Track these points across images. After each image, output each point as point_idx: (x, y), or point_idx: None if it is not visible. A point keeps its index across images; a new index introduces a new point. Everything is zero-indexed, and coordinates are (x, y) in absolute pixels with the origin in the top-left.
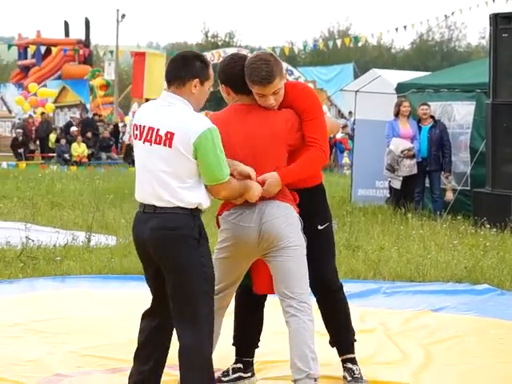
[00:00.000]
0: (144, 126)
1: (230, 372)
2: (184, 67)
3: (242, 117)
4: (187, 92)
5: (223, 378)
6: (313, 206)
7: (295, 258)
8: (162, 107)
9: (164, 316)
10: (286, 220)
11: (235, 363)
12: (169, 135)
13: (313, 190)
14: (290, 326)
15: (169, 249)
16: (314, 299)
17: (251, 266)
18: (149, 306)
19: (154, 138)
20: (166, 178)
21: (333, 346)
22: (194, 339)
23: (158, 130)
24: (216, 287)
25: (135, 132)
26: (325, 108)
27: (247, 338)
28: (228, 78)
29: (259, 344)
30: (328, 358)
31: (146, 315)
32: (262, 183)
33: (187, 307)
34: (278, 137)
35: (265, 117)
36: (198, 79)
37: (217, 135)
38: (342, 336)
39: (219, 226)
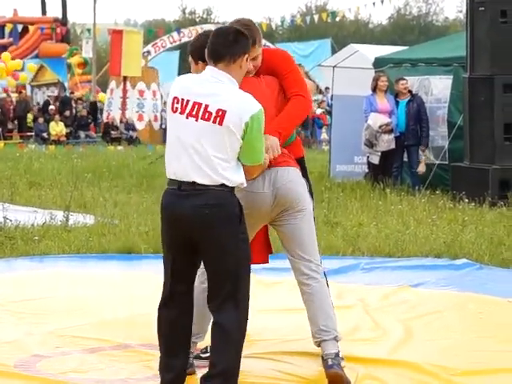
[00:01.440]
0: (188, 101)
1: (209, 348)
2: (235, 43)
3: None
4: (236, 69)
5: (202, 355)
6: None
7: (308, 221)
8: (210, 83)
9: (188, 301)
10: (297, 184)
11: None
12: (220, 112)
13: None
14: (310, 288)
15: (214, 226)
16: None
17: None
18: (165, 294)
19: (201, 114)
20: (211, 156)
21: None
22: (237, 316)
23: (206, 105)
24: None
25: (175, 105)
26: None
27: None
28: (202, 53)
29: None
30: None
31: (165, 305)
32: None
33: (229, 284)
34: (266, 99)
35: (247, 81)
36: (248, 55)
37: (263, 118)
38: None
39: None
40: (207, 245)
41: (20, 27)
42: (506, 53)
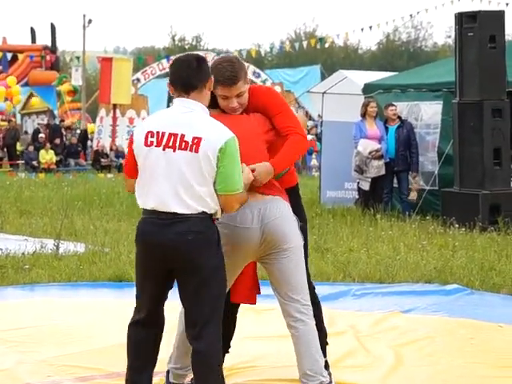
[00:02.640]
0: (164, 133)
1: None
2: (199, 71)
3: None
4: (203, 96)
5: None
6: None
7: (296, 259)
8: (184, 114)
9: (160, 325)
10: (287, 220)
11: None
12: (196, 140)
13: (289, 190)
14: (297, 331)
15: (197, 251)
16: None
17: None
18: (141, 316)
19: (178, 144)
20: (191, 184)
21: None
22: (216, 341)
23: (182, 135)
24: None
25: (149, 139)
26: (293, 110)
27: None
28: None
29: (229, 350)
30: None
31: (138, 325)
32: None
33: (209, 309)
34: (254, 134)
35: (237, 119)
36: (210, 81)
37: (237, 146)
38: None
39: None
40: (189, 270)
41: (9, 55)
42: (494, 78)
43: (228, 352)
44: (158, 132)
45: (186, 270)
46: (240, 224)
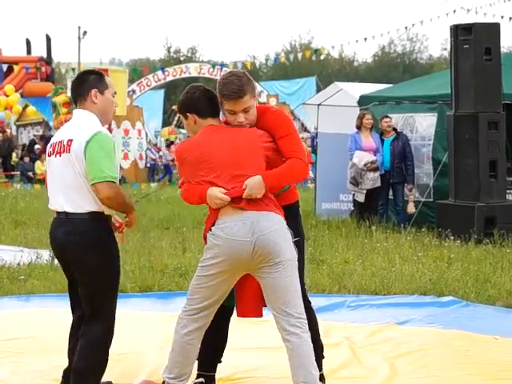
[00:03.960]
0: (55, 142)
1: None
2: (81, 84)
3: (216, 135)
4: (90, 104)
5: None
6: (286, 221)
7: (290, 274)
8: (71, 122)
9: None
10: (279, 233)
11: (197, 378)
12: (69, 142)
13: (287, 207)
14: (291, 343)
15: (81, 250)
16: None
17: (235, 289)
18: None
19: (61, 149)
20: (73, 183)
21: None
22: (94, 338)
23: (62, 140)
24: (200, 305)
25: (49, 150)
26: None
27: (211, 352)
28: (190, 104)
29: (222, 359)
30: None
31: (73, 328)
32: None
33: (92, 303)
34: (255, 146)
35: (239, 131)
36: (95, 90)
37: (107, 140)
38: None
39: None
40: (76, 268)
41: (5, 67)
42: (490, 90)
43: (220, 362)
44: (53, 143)
45: (75, 268)
46: (231, 236)
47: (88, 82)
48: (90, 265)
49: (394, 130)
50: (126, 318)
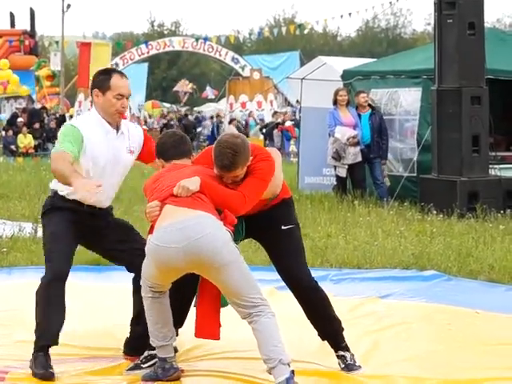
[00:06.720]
0: None
1: (149, 356)
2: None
3: (173, 169)
4: (94, 101)
5: (142, 365)
6: (278, 212)
7: (234, 274)
8: None
9: None
10: (212, 237)
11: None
12: None
13: (285, 200)
14: (252, 328)
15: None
16: None
17: (196, 311)
18: None
19: None
20: None
21: (323, 339)
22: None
23: None
24: (154, 286)
25: None
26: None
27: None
28: (157, 150)
29: (183, 324)
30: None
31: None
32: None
33: None
34: (201, 172)
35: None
36: (96, 89)
37: (70, 129)
38: (326, 328)
39: None
40: None
41: None
42: (473, 65)
43: (181, 326)
44: None
45: None
46: (160, 243)
47: (93, 81)
48: None
49: (369, 105)
50: (109, 291)
